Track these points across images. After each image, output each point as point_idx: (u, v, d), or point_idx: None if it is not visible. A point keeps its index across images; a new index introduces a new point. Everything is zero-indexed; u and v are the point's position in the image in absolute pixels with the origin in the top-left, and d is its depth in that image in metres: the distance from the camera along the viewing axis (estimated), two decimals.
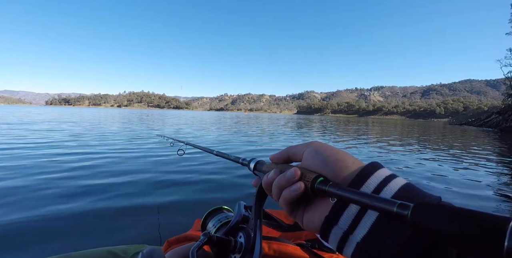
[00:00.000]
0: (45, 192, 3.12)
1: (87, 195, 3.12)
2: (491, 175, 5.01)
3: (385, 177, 0.31)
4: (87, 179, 3.73)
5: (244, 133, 12.25)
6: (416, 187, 0.29)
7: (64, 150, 5.84)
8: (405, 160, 6.47)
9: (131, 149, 6.31)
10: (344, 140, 11.07)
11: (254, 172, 0.49)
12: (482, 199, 3.55)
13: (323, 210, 0.33)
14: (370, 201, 0.26)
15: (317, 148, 0.38)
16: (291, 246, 0.68)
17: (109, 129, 11.36)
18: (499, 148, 10.34)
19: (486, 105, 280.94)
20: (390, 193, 0.29)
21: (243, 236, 0.51)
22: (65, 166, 4.42)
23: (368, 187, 0.30)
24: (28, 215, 2.45)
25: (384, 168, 0.33)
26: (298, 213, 0.38)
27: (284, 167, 0.41)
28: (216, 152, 0.81)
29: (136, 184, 3.63)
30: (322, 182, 0.33)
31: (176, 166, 4.86)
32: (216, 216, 0.69)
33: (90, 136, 8.56)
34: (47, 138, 7.59)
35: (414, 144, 10.18)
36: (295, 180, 0.36)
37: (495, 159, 7.32)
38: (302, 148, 0.40)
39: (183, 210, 2.81)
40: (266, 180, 0.41)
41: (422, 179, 4.54)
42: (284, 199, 0.36)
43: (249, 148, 7.52)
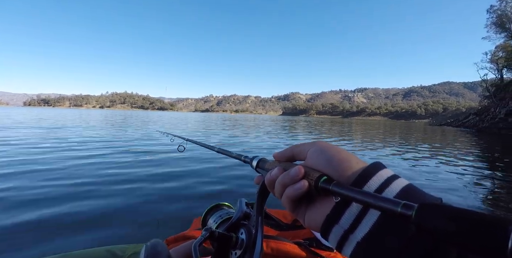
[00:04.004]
0: (39, 191, 3.07)
1: (83, 194, 3.07)
2: (470, 173, 5.16)
3: (387, 177, 0.31)
4: (82, 178, 3.66)
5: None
6: (417, 189, 0.30)
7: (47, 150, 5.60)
8: (389, 158, 6.58)
9: (128, 145, 6.15)
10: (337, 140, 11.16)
11: (257, 169, 0.49)
12: (458, 193, 3.65)
13: (325, 209, 0.34)
14: (374, 201, 0.26)
15: (322, 147, 0.38)
16: (289, 245, 0.69)
17: (97, 133, 11.01)
18: (477, 147, 10.70)
19: (464, 107, 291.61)
20: (391, 194, 0.29)
21: (245, 232, 0.51)
22: (60, 166, 4.33)
23: (370, 187, 0.31)
24: (29, 215, 2.41)
25: (387, 168, 0.34)
26: (300, 211, 0.38)
27: (287, 165, 0.41)
28: (217, 148, 0.80)
29: (134, 183, 3.60)
30: (326, 180, 0.33)
31: (174, 164, 4.84)
32: (217, 212, 0.68)
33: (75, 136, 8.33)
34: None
35: (398, 144, 10.39)
36: (299, 178, 0.36)
37: (475, 158, 7.55)
38: (306, 146, 0.40)
39: (181, 209, 2.79)
40: (269, 177, 0.41)
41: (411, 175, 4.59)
42: (287, 196, 0.37)
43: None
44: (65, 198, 2.92)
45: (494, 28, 37.50)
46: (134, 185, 3.49)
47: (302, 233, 0.87)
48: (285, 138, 11.70)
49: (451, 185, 4.20)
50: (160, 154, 5.70)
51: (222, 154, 0.73)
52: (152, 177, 3.94)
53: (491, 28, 37.81)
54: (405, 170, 5.40)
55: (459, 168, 5.79)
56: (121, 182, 3.58)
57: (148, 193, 3.22)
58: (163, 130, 9.04)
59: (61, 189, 3.23)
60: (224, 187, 3.60)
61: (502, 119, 29.12)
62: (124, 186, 3.43)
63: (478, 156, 8.34)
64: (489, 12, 37.54)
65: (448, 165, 6.18)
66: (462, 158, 7.48)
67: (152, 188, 3.43)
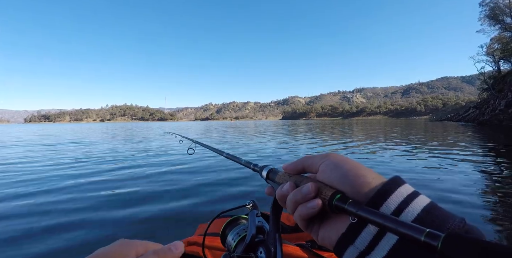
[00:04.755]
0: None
1: (88, 199, 3.09)
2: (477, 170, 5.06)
3: (407, 195, 0.29)
4: (87, 184, 3.69)
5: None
6: (439, 208, 0.28)
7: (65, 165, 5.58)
8: (392, 157, 6.50)
9: (138, 149, 6.16)
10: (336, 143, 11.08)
11: (267, 180, 0.47)
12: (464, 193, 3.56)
13: (340, 227, 0.32)
14: (394, 226, 0.24)
15: (336, 161, 0.36)
16: (291, 247, 0.69)
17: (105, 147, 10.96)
18: (482, 140, 10.65)
19: (463, 101, 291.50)
20: (412, 215, 0.27)
21: (263, 251, 0.49)
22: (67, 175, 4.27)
23: (388, 206, 0.29)
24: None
25: (406, 184, 0.31)
26: (313, 228, 0.37)
27: (298, 179, 0.39)
28: (225, 154, 0.78)
29: (139, 187, 3.63)
30: (340, 198, 0.31)
31: (181, 168, 4.85)
32: (235, 229, 0.65)
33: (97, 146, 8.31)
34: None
35: (403, 143, 10.30)
36: (311, 196, 0.34)
37: (482, 152, 7.47)
38: (319, 159, 0.38)
39: (186, 214, 2.78)
40: (281, 192, 0.39)
41: (415, 173, 4.54)
42: (300, 215, 0.35)
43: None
44: (71, 203, 2.91)
45: (487, 21, 37.56)
46: (139, 189, 3.52)
47: (305, 235, 0.86)
48: (291, 143, 11.64)
49: (461, 184, 4.02)
50: (169, 155, 5.67)
51: (231, 160, 0.71)
52: (156, 184, 3.92)
53: (485, 21, 37.89)
54: (413, 168, 5.33)
55: (464, 164, 5.72)
56: (125, 186, 3.66)
57: (152, 197, 3.23)
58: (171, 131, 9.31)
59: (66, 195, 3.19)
60: (232, 191, 3.53)
61: (503, 111, 28.99)
62: (129, 190, 3.47)
63: (484, 149, 8.25)
64: (481, 5, 37.71)
65: (452, 160, 6.12)
66: (468, 153, 7.37)
67: (157, 192, 3.44)
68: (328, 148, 8.96)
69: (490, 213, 2.81)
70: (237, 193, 3.44)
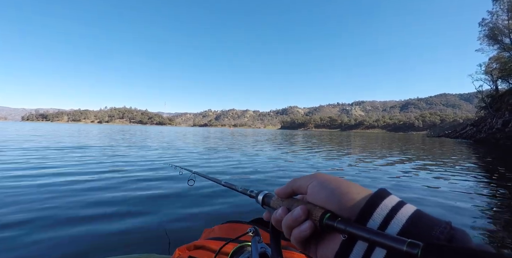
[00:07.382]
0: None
1: (97, 206, 3.11)
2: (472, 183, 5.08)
3: (392, 207, 0.30)
4: (98, 193, 3.67)
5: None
6: (425, 215, 0.29)
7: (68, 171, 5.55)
8: (391, 171, 6.52)
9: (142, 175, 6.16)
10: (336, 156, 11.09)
11: (263, 206, 0.49)
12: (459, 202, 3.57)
13: (335, 245, 0.33)
14: (379, 239, 0.25)
15: (322, 181, 0.37)
16: (297, 254, 0.70)
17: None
18: (479, 158, 10.72)
19: (461, 118, 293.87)
20: (397, 226, 0.28)
21: None
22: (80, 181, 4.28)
23: (375, 220, 0.30)
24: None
25: (391, 195, 0.32)
26: (311, 249, 0.38)
27: (290, 203, 0.40)
28: (224, 182, 0.81)
29: (145, 192, 3.70)
30: (330, 217, 0.32)
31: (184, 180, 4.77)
32: (240, 257, 0.66)
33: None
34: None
35: (401, 158, 10.33)
36: (302, 219, 0.35)
37: (477, 169, 7.50)
38: (306, 181, 0.40)
39: (191, 220, 2.80)
40: (275, 218, 0.41)
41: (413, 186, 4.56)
42: (295, 238, 0.36)
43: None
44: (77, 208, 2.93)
45: (487, 41, 38.20)
46: (143, 197, 3.51)
47: None
48: (288, 150, 11.62)
49: (455, 198, 4.11)
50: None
51: (229, 188, 0.73)
52: (160, 190, 3.92)
53: (484, 40, 38.54)
54: (409, 182, 5.35)
55: (460, 179, 5.74)
56: (132, 194, 3.63)
57: (156, 204, 3.26)
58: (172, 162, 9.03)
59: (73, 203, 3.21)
60: (233, 200, 3.50)
61: (499, 129, 29.19)
62: (134, 199, 3.45)
63: (480, 167, 8.31)
64: (481, 25, 38.42)
65: (449, 176, 6.16)
66: (465, 169, 7.45)
67: (160, 199, 3.47)
68: (338, 161, 8.96)
69: (480, 217, 2.85)
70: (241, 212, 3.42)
